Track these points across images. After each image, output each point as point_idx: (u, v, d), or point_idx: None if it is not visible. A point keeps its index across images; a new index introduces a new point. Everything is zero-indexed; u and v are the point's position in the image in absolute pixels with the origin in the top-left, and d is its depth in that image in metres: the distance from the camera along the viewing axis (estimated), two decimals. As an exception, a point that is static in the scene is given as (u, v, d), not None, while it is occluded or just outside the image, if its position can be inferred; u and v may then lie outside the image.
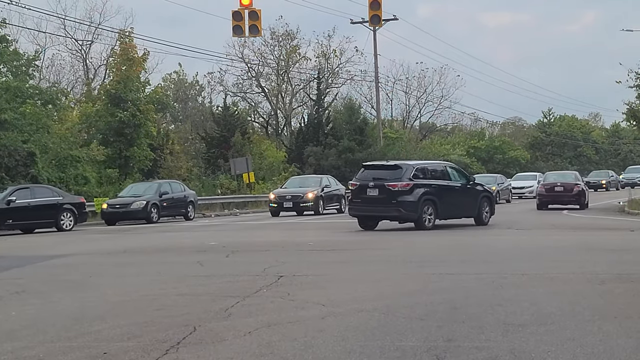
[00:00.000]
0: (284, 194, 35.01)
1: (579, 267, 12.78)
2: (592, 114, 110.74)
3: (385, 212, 23.21)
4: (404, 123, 76.70)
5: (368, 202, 23.23)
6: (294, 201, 34.25)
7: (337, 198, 36.59)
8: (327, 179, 37.53)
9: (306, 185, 35.91)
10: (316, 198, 34.45)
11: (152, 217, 32.31)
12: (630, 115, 37.54)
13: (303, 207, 34.32)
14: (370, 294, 10.17)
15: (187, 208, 34.72)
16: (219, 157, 51.32)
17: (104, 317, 8.93)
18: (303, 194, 34.47)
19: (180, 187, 35.68)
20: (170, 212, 34.04)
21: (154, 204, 32.64)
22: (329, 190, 36.04)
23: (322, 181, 36.44)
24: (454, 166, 26.65)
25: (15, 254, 18.18)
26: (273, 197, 35.02)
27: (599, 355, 6.82)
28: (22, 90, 35.97)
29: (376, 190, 22.95)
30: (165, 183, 35.39)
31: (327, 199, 35.59)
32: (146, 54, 45.29)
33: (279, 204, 34.48)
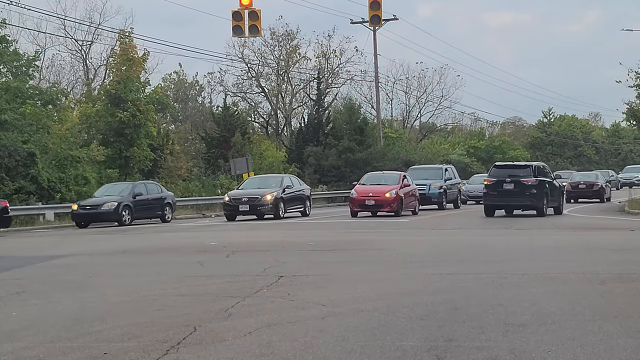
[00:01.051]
0: (239, 195, 31.45)
1: (579, 266, 12.78)
2: (592, 114, 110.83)
3: (520, 202, 28.65)
4: (404, 123, 76.69)
5: (504, 194, 28.46)
6: (251, 204, 30.72)
7: (300, 199, 33.45)
8: (290, 178, 34.73)
9: (266, 186, 32.42)
10: (276, 200, 31.00)
11: (124, 219, 30.76)
12: (631, 114, 37.58)
13: (262, 210, 30.93)
14: (371, 294, 10.17)
15: (163, 210, 32.98)
16: (219, 157, 51.32)
17: (104, 318, 8.92)
18: (261, 196, 30.94)
19: (157, 188, 34.15)
20: (144, 214, 32.38)
21: (126, 205, 31.03)
22: (292, 191, 32.76)
23: (283, 181, 33.20)
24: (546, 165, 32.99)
25: (15, 254, 18.17)
26: (227, 200, 31.74)
27: (600, 355, 6.82)
28: (22, 90, 35.98)
29: (512, 185, 28.21)
30: (141, 184, 33.98)
31: (289, 201, 32.27)
32: (146, 54, 45.32)
33: (234, 207, 31.09)
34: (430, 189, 36.04)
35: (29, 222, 32.22)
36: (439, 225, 25.48)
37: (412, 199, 32.04)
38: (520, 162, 33.29)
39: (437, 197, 36.25)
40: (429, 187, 35.91)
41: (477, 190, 44.78)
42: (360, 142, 53.85)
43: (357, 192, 30.99)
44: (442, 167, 39.89)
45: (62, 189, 35.88)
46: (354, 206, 30.89)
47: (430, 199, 36.07)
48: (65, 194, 35.88)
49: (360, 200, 30.60)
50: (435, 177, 37.00)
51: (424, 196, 35.31)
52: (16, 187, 33.81)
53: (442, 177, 37.30)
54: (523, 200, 28.43)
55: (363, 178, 33.46)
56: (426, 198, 35.65)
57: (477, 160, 73.54)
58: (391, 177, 32.74)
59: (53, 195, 35.07)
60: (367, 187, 31.36)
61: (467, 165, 67.44)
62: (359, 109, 59.79)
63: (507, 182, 28.30)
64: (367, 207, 30.55)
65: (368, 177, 33.64)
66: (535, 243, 18.13)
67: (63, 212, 33.89)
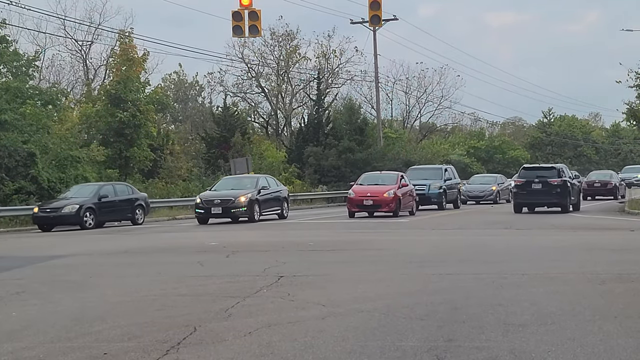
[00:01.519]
0: (212, 197, 29.45)
1: (579, 267, 12.78)
2: (592, 114, 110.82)
3: (547, 200, 31.51)
4: (404, 123, 76.69)
5: (532, 193, 31.33)
6: (224, 206, 28.82)
7: (277, 201, 31.53)
8: (266, 179, 32.55)
9: (240, 187, 30.40)
10: (250, 202, 29.01)
11: (86, 222, 28.83)
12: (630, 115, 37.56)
13: (235, 213, 28.99)
14: (371, 294, 10.17)
15: (134, 212, 31.29)
16: (219, 158, 51.31)
17: (104, 318, 8.93)
18: (235, 198, 28.93)
19: (127, 189, 32.42)
20: (111, 216, 30.70)
21: (89, 208, 29.13)
22: (267, 192, 30.71)
23: (258, 182, 31.00)
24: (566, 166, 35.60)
25: (16, 254, 18.17)
26: (199, 202, 29.71)
27: (600, 355, 6.82)
28: (22, 90, 35.96)
29: (540, 185, 31.09)
30: (108, 185, 32.19)
31: (265, 203, 30.22)
32: (146, 54, 45.34)
33: (206, 209, 29.14)
34: (430, 189, 35.97)
35: (28, 222, 32.16)
36: (439, 225, 25.48)
37: (410, 199, 31.98)
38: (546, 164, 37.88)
39: (436, 197, 36.17)
40: (428, 187, 35.87)
41: (477, 190, 44.80)
42: (360, 142, 53.84)
43: (354, 192, 30.80)
44: (441, 167, 39.79)
45: (62, 189, 35.82)
46: (352, 206, 30.69)
47: (430, 199, 35.98)
48: (65, 194, 35.86)
49: (358, 201, 30.39)
50: (435, 177, 36.92)
51: (423, 196, 35.19)
52: (16, 187, 33.79)
53: (442, 177, 37.22)
54: (550, 198, 31.34)
55: (360, 178, 33.24)
56: (426, 198, 35.56)
57: (477, 160, 73.56)
58: (389, 177, 32.61)
59: (53, 196, 34.99)
60: (365, 187, 31.14)
61: (467, 166, 67.45)
62: (359, 109, 59.79)
63: (535, 182, 31.26)
64: (365, 207, 30.34)
65: (365, 177, 33.46)
66: (535, 243, 18.14)
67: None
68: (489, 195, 44.33)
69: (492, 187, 44.96)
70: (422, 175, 37.12)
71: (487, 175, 54.17)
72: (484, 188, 44.93)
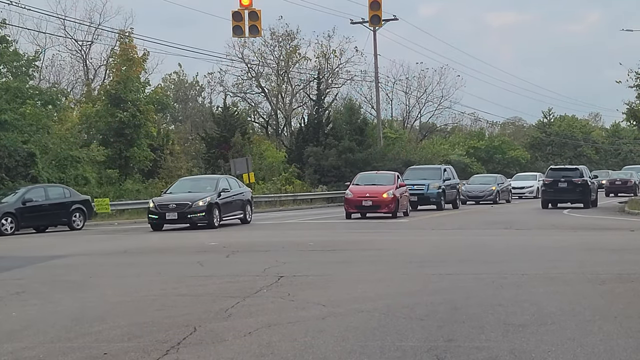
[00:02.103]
0: (166, 202, 26.43)
1: (579, 267, 12.78)
2: (592, 114, 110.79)
3: (571, 197, 35.37)
4: (404, 123, 76.68)
5: (559, 191, 35.18)
6: (180, 211, 25.85)
7: (239, 204, 28.34)
8: (227, 180, 29.33)
9: (198, 189, 27.47)
10: (210, 206, 26.08)
11: (4, 228, 26.29)
12: (630, 115, 37.60)
13: (193, 219, 25.99)
14: (371, 294, 10.17)
15: (71, 216, 28.70)
16: (219, 158, 51.31)
17: (104, 318, 8.93)
18: (192, 202, 25.92)
19: (63, 192, 29.57)
20: (39, 221, 28.24)
21: (7, 213, 26.64)
22: (229, 195, 27.63)
23: (218, 183, 27.87)
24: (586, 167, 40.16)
25: (16, 254, 18.17)
26: (152, 206, 26.67)
27: (600, 355, 6.82)
28: (22, 90, 35.95)
29: (565, 184, 35.05)
30: (37, 188, 29.15)
31: (226, 206, 27.23)
32: (146, 54, 45.34)
33: (160, 215, 26.13)
34: (429, 189, 35.72)
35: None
36: (439, 225, 25.48)
37: (406, 199, 31.73)
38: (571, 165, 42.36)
39: (435, 197, 35.92)
40: (427, 187, 35.65)
41: (476, 191, 44.72)
42: (360, 142, 53.85)
43: (352, 192, 30.04)
44: (440, 168, 39.58)
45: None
46: (350, 207, 29.99)
47: (429, 199, 35.76)
48: (65, 194, 35.85)
49: (356, 201, 29.70)
50: (433, 177, 36.69)
51: (422, 196, 35.11)
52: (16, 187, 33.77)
53: (441, 177, 36.97)
54: (574, 195, 35.33)
55: (356, 178, 32.52)
56: (424, 198, 35.44)
57: (477, 160, 73.55)
58: (385, 177, 32.10)
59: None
60: (363, 187, 30.45)
61: (467, 166, 67.46)
62: (359, 109, 59.79)
63: (561, 181, 35.23)
64: (363, 208, 29.65)
65: (361, 177, 32.84)
66: (535, 243, 18.14)
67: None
68: (488, 196, 44.27)
69: (492, 187, 44.92)
70: (421, 175, 36.92)
71: (486, 175, 54.20)
72: (484, 188, 44.88)
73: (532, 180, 53.48)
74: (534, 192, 51.35)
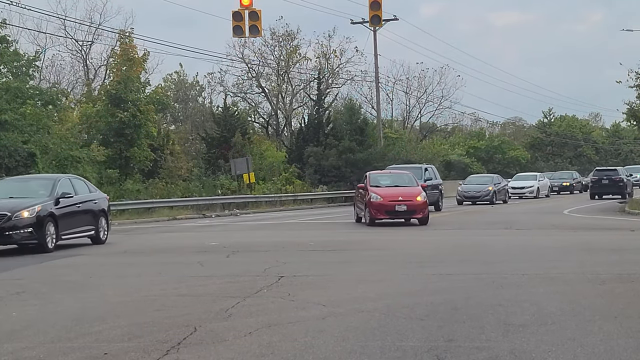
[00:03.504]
0: None
1: (579, 267, 12.78)
2: (593, 114, 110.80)
3: (612, 191, 45.08)
4: (404, 123, 76.69)
5: (603, 186, 45.55)
6: None
7: (89, 216, 20.26)
8: (69, 181, 20.51)
9: (26, 194, 19.28)
10: (40, 219, 18.06)
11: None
12: (631, 115, 37.57)
13: (13, 237, 17.99)
14: (371, 294, 10.18)
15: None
16: (219, 158, 51.32)
17: (105, 318, 8.93)
18: (12, 212, 17.88)
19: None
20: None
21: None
22: (73, 203, 19.53)
23: (56, 186, 19.39)
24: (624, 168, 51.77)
25: (16, 254, 18.16)
26: None
27: (600, 355, 6.82)
28: (22, 90, 35.95)
29: (607, 180, 45.60)
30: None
31: (68, 219, 19.10)
32: (146, 54, 45.33)
33: None
34: None
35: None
36: (439, 225, 25.48)
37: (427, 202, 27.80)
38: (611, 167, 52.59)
39: None
40: None
41: (473, 191, 44.31)
42: (361, 143, 53.83)
43: (381, 195, 25.37)
44: (422, 167, 37.36)
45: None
46: (378, 213, 25.21)
47: None
48: (65, 194, 35.81)
49: (387, 206, 25.14)
50: None
51: None
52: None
53: (422, 177, 34.06)
54: (614, 189, 45.11)
55: (371, 178, 27.44)
56: None
57: (477, 160, 73.57)
58: (406, 177, 28.05)
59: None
60: (392, 189, 26.06)
61: (467, 166, 67.49)
62: (359, 109, 59.77)
63: (604, 179, 45.86)
64: (397, 213, 25.34)
65: (379, 176, 28.39)
66: (535, 243, 18.14)
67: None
68: (485, 196, 43.74)
69: (489, 188, 44.61)
70: None
71: (483, 175, 54.10)
72: (480, 188, 44.48)
73: (533, 180, 53.42)
74: (534, 192, 51.34)
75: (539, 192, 52.58)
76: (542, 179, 54.87)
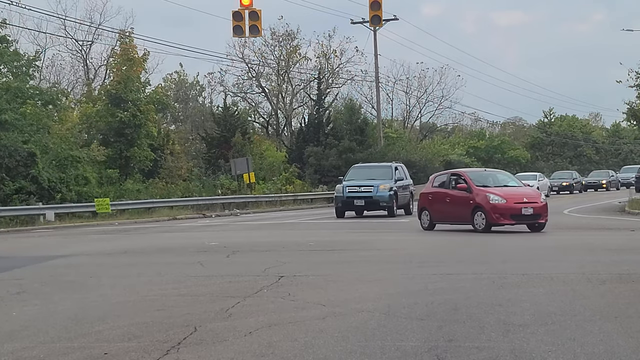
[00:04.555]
0: None
1: (579, 267, 12.77)
2: (593, 114, 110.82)
3: None
4: (405, 123, 76.72)
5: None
6: None
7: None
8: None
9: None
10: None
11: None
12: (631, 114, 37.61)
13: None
14: (371, 294, 10.17)
15: None
16: (219, 158, 51.34)
17: (105, 318, 8.93)
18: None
19: None
20: None
21: None
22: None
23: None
24: None
25: (16, 254, 18.17)
26: None
27: (600, 355, 6.82)
28: (22, 90, 35.97)
29: None
30: None
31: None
32: (146, 54, 45.36)
33: None
34: (378, 191, 30.45)
35: (29, 222, 32.19)
36: (439, 225, 25.46)
37: None
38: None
39: (386, 201, 30.48)
40: (376, 188, 30.48)
41: None
42: (361, 142, 53.86)
43: (503, 196, 21.72)
44: (391, 166, 33.23)
45: (62, 189, 35.87)
46: (503, 218, 21.64)
47: (379, 203, 30.65)
48: (65, 194, 35.87)
49: (514, 210, 21.60)
50: (383, 177, 31.35)
51: (370, 200, 30.48)
52: (16, 187, 33.80)
53: (392, 177, 31.46)
54: None
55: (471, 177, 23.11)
56: (373, 202, 30.59)
57: (477, 160, 73.58)
58: (506, 176, 24.79)
59: (53, 196, 35.05)
60: (509, 189, 22.59)
61: (467, 166, 67.43)
62: (360, 109, 59.82)
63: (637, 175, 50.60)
64: (523, 218, 21.86)
65: (479, 175, 23.97)
66: (535, 243, 18.13)
67: (63, 212, 33.89)
68: None
69: None
70: (368, 174, 32.00)
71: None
72: None
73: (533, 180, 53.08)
74: None
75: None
76: (542, 178, 54.27)
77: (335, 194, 31.82)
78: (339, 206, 31.32)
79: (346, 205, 31.06)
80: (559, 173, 65.37)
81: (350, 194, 30.92)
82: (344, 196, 30.93)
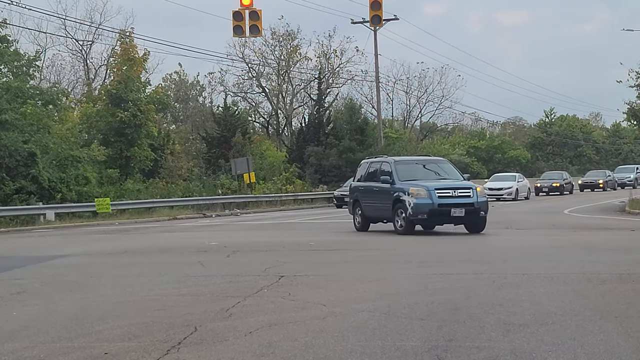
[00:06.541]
0: None
1: (580, 266, 12.77)
2: (593, 114, 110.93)
3: None
4: (405, 123, 76.74)
5: None
6: None
7: None
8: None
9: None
10: None
11: None
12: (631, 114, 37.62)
13: None
14: (371, 294, 10.17)
15: None
16: (219, 157, 51.35)
17: (105, 318, 8.92)
18: None
19: None
20: None
21: None
22: None
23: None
24: None
25: (16, 254, 18.17)
26: None
27: (600, 355, 6.82)
28: (22, 90, 35.99)
29: None
30: None
31: None
32: (147, 54, 45.40)
33: None
34: (479, 196, 24.37)
35: (29, 222, 32.21)
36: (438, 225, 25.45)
37: None
38: None
39: (485, 210, 24.57)
40: (474, 192, 24.45)
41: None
42: (361, 142, 53.86)
43: None
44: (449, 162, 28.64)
45: (62, 189, 35.88)
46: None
47: (479, 213, 23.77)
48: (66, 194, 35.89)
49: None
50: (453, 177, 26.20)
51: (471, 209, 23.64)
52: (17, 187, 33.82)
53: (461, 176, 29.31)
54: None
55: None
56: (474, 212, 23.56)
57: (477, 160, 73.61)
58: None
59: (54, 195, 35.07)
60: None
61: (467, 165, 67.48)
62: (360, 109, 59.84)
63: None
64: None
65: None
66: (535, 243, 18.13)
67: (64, 212, 33.90)
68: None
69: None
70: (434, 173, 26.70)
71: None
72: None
73: (511, 181, 49.45)
74: (513, 194, 47.16)
75: (518, 193, 47.61)
76: (521, 179, 50.45)
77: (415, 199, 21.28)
78: (424, 218, 21.52)
79: (438, 216, 21.59)
80: (548, 173, 61.57)
81: (443, 201, 21.38)
82: (434, 203, 21.24)
